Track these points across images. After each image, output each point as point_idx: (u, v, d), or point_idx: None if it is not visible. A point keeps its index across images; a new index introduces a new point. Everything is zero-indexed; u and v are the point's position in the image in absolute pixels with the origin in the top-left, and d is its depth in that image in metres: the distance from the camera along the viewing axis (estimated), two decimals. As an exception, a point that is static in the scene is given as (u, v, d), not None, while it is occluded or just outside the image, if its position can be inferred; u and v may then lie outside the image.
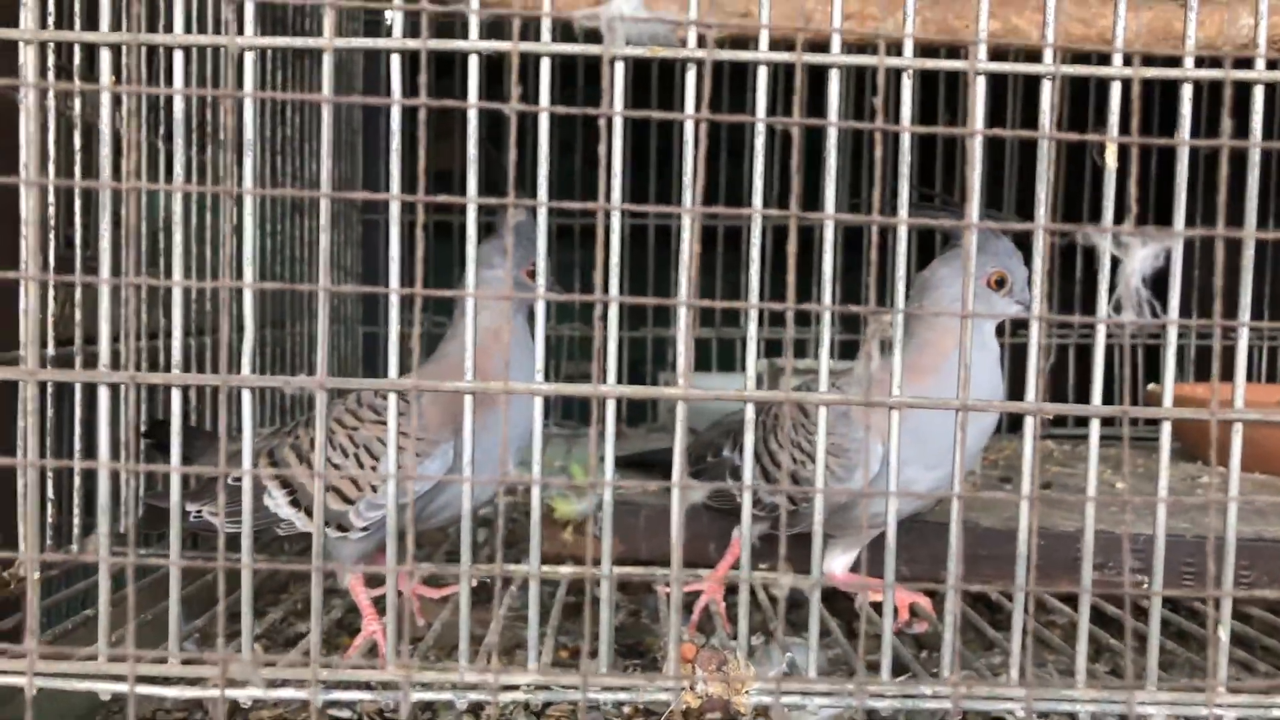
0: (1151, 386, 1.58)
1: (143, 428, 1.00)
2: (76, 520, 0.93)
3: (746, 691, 0.67)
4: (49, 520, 0.90)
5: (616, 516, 1.10)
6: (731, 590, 0.98)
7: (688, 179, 0.65)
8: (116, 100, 0.68)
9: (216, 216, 1.21)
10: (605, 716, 0.94)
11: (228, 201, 0.65)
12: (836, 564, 0.97)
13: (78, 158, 0.95)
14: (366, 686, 0.65)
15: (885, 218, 0.59)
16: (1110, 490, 1.22)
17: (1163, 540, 0.69)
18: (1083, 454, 1.60)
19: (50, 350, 0.89)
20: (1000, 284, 0.88)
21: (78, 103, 0.95)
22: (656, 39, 0.54)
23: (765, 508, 0.93)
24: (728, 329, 1.94)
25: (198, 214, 1.17)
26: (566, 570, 1.00)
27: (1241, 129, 0.65)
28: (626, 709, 0.96)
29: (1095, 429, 0.68)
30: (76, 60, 0.93)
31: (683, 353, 0.64)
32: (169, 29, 0.72)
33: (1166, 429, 0.69)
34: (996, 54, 1.39)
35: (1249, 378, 1.73)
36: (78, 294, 0.93)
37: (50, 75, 0.89)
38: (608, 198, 0.61)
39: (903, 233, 0.67)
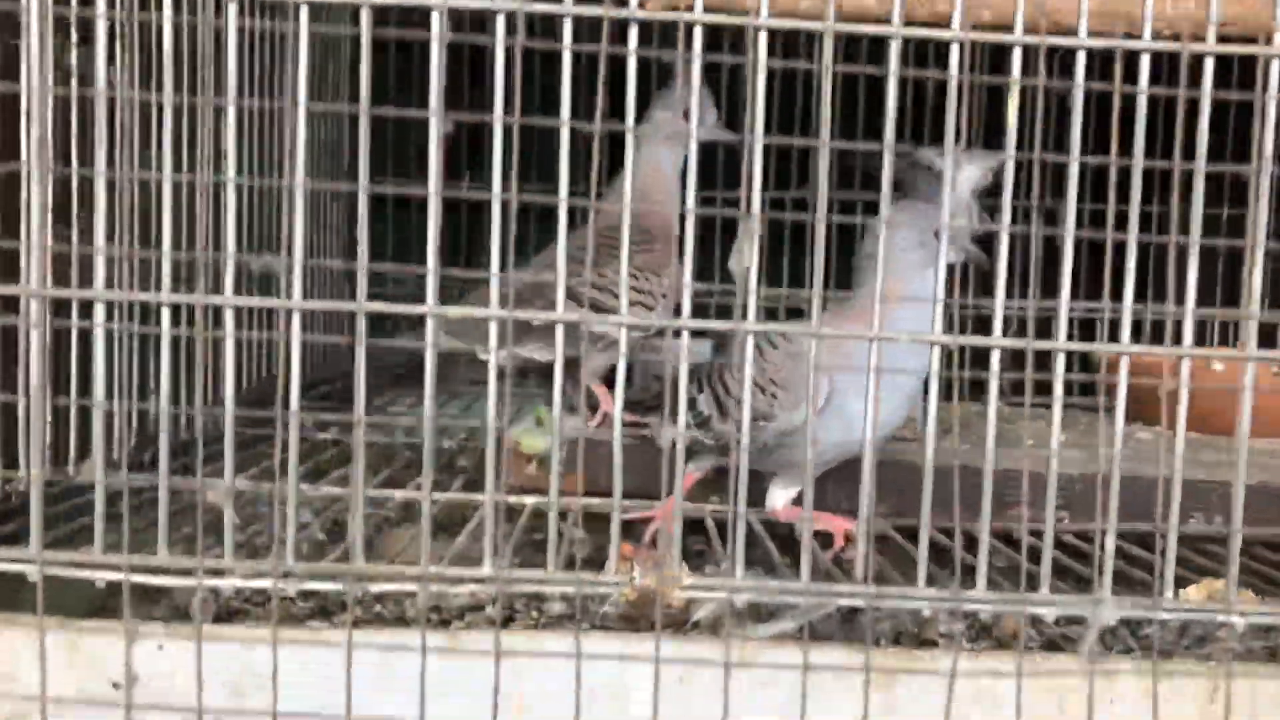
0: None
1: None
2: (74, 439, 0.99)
3: (679, 588, 0.75)
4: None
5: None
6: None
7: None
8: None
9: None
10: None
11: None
12: (778, 499, 1.05)
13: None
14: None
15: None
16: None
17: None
18: (1032, 416, 1.67)
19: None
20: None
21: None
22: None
23: (715, 434, 1.01)
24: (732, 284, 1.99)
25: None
26: (531, 501, 1.08)
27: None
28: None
29: (995, 360, 0.76)
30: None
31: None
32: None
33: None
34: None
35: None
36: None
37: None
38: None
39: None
